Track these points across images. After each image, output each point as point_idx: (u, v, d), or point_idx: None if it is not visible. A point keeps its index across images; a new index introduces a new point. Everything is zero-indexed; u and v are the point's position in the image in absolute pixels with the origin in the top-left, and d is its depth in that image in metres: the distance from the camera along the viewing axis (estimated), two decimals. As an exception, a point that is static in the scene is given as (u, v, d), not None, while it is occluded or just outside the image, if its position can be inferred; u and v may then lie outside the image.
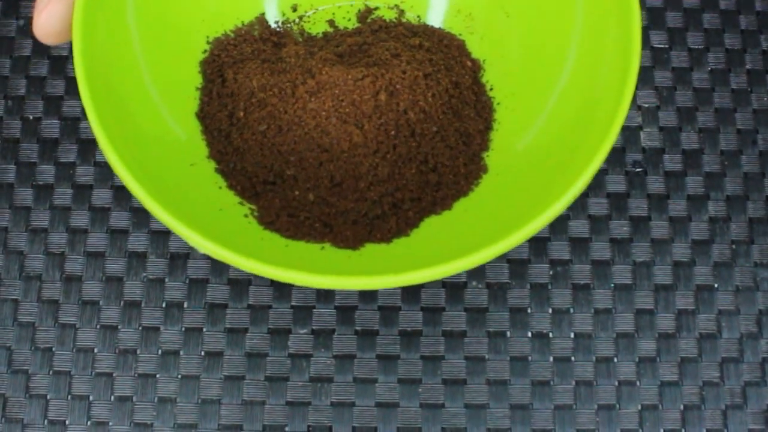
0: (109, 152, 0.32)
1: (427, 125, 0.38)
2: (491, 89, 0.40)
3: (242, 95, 0.38)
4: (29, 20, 0.43)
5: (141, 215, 0.41)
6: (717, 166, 0.43)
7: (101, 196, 0.42)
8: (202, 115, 0.38)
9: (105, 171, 0.42)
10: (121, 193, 0.42)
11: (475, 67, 0.40)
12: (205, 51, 0.40)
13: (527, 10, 0.40)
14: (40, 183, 0.42)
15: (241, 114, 0.38)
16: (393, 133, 0.37)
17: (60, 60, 0.44)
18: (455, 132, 0.38)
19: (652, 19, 0.45)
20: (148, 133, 0.35)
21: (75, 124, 0.43)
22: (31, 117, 0.43)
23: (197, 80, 0.39)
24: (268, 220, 0.36)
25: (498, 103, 0.40)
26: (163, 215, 0.31)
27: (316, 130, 0.37)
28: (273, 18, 0.42)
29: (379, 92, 0.37)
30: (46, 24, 0.33)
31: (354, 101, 0.37)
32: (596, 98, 0.35)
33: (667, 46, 0.45)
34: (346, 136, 0.37)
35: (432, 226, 0.37)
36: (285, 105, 0.37)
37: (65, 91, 0.43)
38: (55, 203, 0.42)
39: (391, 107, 0.37)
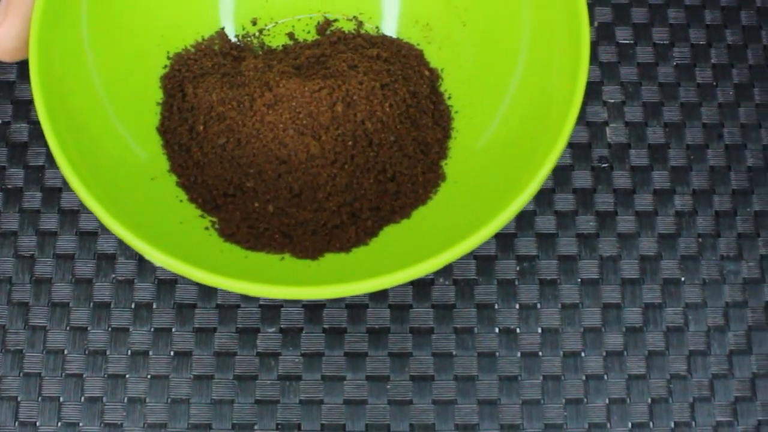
0: (65, 168, 0.32)
1: (385, 135, 0.38)
2: (449, 98, 0.40)
3: (202, 109, 0.38)
4: None
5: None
6: (683, 161, 0.43)
7: (70, 199, 0.42)
8: (163, 130, 0.39)
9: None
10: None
11: (433, 77, 0.41)
12: (166, 66, 0.40)
13: (482, 19, 0.40)
14: (9, 186, 0.42)
15: (201, 128, 0.38)
16: (350, 143, 0.37)
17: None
18: (413, 141, 0.38)
19: (618, 15, 0.45)
20: (106, 149, 0.36)
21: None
22: (0, 121, 0.43)
23: (158, 95, 0.39)
24: (229, 232, 0.37)
25: (456, 112, 0.40)
26: (119, 230, 0.31)
27: (274, 142, 0.37)
28: (233, 32, 0.42)
29: (335, 103, 0.37)
30: (1, 42, 0.33)
31: (311, 113, 0.37)
32: (548, 99, 0.35)
33: (632, 41, 0.45)
34: (304, 147, 0.37)
35: (391, 234, 0.37)
36: (243, 118, 0.38)
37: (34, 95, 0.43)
38: (25, 206, 0.42)
39: (348, 118, 0.37)
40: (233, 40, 0.42)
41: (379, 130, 0.38)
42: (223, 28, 0.42)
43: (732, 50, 0.45)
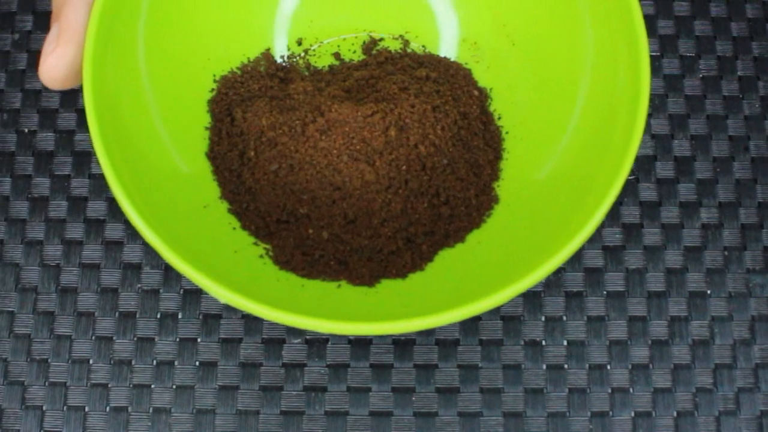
0: (125, 204, 0.32)
1: (438, 158, 0.38)
2: (499, 118, 0.40)
3: (252, 134, 0.38)
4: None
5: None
6: (709, 173, 0.43)
7: (96, 208, 0.42)
8: (213, 155, 0.39)
9: (99, 183, 0.42)
10: (116, 205, 0.42)
11: (483, 97, 0.40)
12: (212, 90, 0.40)
13: (532, 39, 0.40)
14: (36, 195, 0.42)
15: (252, 153, 0.38)
16: (404, 168, 0.37)
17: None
18: (465, 163, 0.38)
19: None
20: (159, 177, 0.35)
21: (70, 137, 0.43)
22: (26, 130, 0.43)
23: (205, 120, 0.39)
24: (283, 260, 0.36)
25: (507, 132, 0.40)
26: (183, 267, 0.31)
27: (327, 168, 0.37)
28: (279, 53, 0.42)
29: (389, 128, 0.37)
30: (52, 69, 0.32)
31: (364, 138, 0.37)
32: (610, 130, 0.35)
33: (658, 53, 0.45)
34: (358, 173, 0.37)
35: (446, 259, 0.37)
36: (296, 144, 0.37)
37: (60, 104, 0.44)
38: (50, 215, 0.42)
39: (401, 142, 0.37)
40: (279, 61, 0.41)
41: (432, 153, 0.37)
42: (268, 50, 0.41)
43: (758, 62, 0.45)
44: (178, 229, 0.34)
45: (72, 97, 0.44)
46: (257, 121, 0.38)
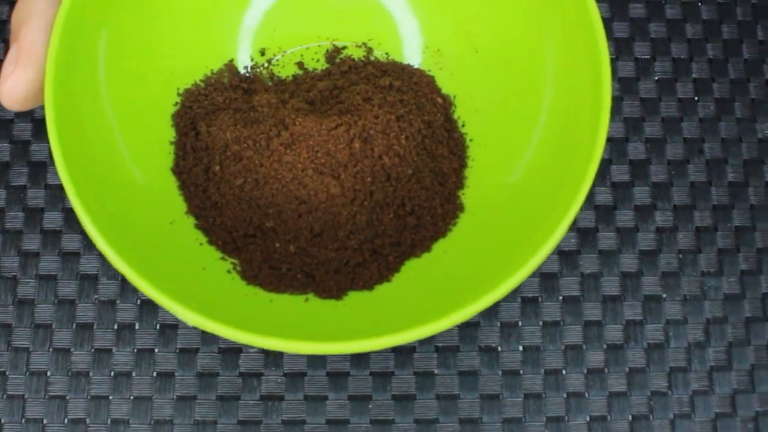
0: (90, 227, 0.31)
1: (402, 168, 0.38)
2: (463, 125, 0.40)
3: (217, 148, 0.38)
4: None
5: (91, 238, 0.42)
6: (664, 176, 0.43)
7: (52, 219, 0.42)
8: (178, 170, 0.38)
9: (55, 193, 0.42)
10: (72, 216, 0.42)
11: (446, 104, 0.40)
12: (176, 103, 0.40)
13: (495, 47, 0.40)
14: (-8, 207, 0.42)
15: (217, 168, 0.38)
16: (369, 179, 0.37)
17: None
18: (430, 172, 0.38)
19: (599, 30, 0.45)
20: (123, 194, 0.35)
21: (25, 148, 0.43)
22: (-19, 141, 0.43)
23: (170, 134, 0.39)
24: (251, 275, 0.36)
25: (471, 140, 0.40)
26: (153, 293, 0.31)
27: (293, 182, 0.37)
28: (242, 63, 0.41)
29: (353, 140, 0.37)
30: (12, 91, 0.32)
31: (329, 151, 0.37)
32: (573, 136, 0.35)
33: (614, 56, 0.45)
34: (323, 187, 0.37)
35: (413, 269, 0.37)
36: (260, 158, 0.37)
37: (15, 115, 0.43)
38: (7, 227, 0.42)
39: (365, 154, 0.37)
40: (242, 72, 0.41)
41: (396, 164, 0.37)
42: (231, 61, 0.41)
43: (713, 64, 0.45)
44: (142, 246, 0.33)
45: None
46: (221, 135, 0.38)
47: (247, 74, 0.41)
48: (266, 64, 0.41)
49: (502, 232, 0.36)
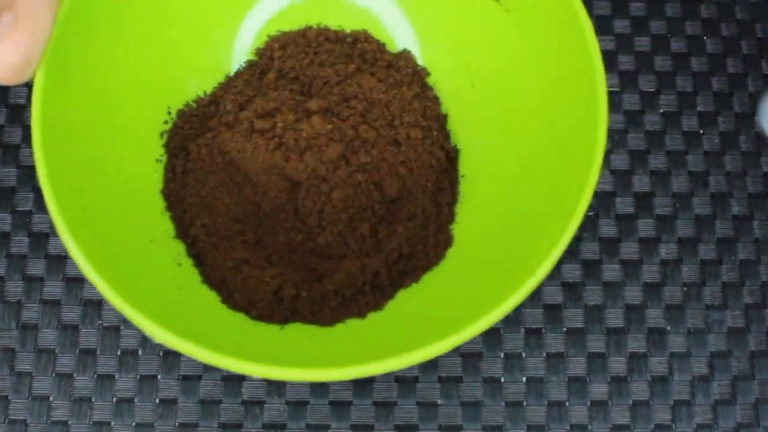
0: (70, 244, 0.31)
1: (414, 207, 0.38)
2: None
3: (209, 171, 0.38)
4: None
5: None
6: (669, 209, 0.43)
7: (57, 244, 0.42)
8: (167, 192, 0.39)
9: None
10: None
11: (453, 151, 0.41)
12: (166, 122, 0.40)
13: (494, 84, 0.40)
14: (-3, 231, 0.42)
15: (207, 191, 0.38)
16: (369, 213, 0.38)
17: (17, 108, 0.44)
18: (430, 202, 0.39)
19: (605, 63, 0.45)
20: (107, 212, 0.35)
21: (31, 173, 0.43)
22: (-12, 166, 0.43)
23: (158, 152, 0.39)
24: (233, 304, 0.37)
25: (462, 176, 0.40)
26: (130, 312, 0.31)
27: (294, 216, 0.38)
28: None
29: (354, 172, 0.38)
30: (6, 56, 0.30)
31: (331, 185, 0.38)
32: (562, 178, 0.35)
33: (618, 89, 0.45)
34: (324, 218, 0.37)
35: (402, 299, 0.37)
36: (253, 193, 0.38)
37: (22, 140, 0.44)
38: (12, 251, 0.42)
39: (375, 197, 0.38)
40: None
41: (405, 195, 0.38)
42: (226, 77, 0.42)
43: (718, 97, 0.45)
44: (123, 267, 0.33)
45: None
46: (214, 157, 0.38)
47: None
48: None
49: (488, 267, 0.36)
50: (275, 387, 0.40)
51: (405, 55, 0.41)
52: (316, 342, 0.35)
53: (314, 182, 0.37)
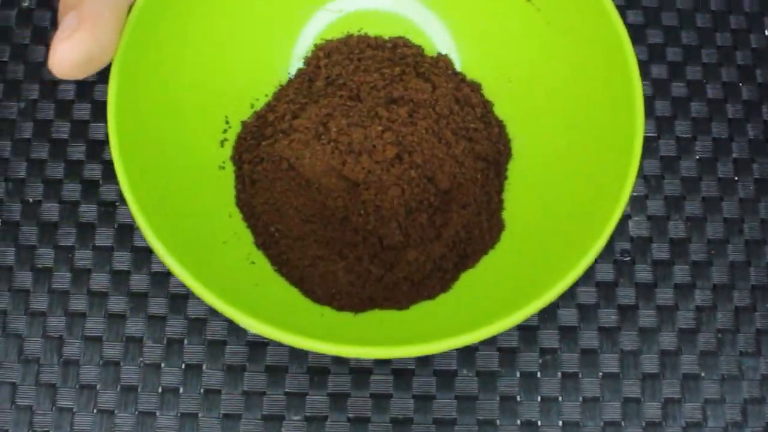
0: (154, 243, 0.33)
1: (466, 196, 0.40)
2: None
3: (274, 178, 0.40)
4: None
5: (138, 300, 0.42)
6: (704, 255, 0.44)
7: (99, 280, 0.42)
8: (240, 204, 0.40)
9: (103, 255, 0.43)
10: (119, 278, 0.42)
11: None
12: (225, 130, 0.41)
13: (532, 85, 0.42)
14: (39, 266, 0.43)
15: (276, 197, 0.39)
16: (430, 200, 0.40)
17: (59, 143, 0.45)
18: (480, 191, 0.40)
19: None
20: (188, 218, 0.37)
21: (74, 208, 0.43)
22: (30, 200, 0.44)
23: (219, 160, 0.41)
24: (316, 298, 0.39)
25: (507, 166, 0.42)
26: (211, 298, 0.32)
27: (357, 213, 0.39)
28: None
29: (415, 178, 0.40)
30: (68, 52, 0.31)
31: (400, 187, 0.39)
32: (604, 166, 0.36)
33: (655, 134, 0.45)
34: (385, 214, 0.39)
35: (465, 282, 0.39)
36: (318, 194, 0.39)
37: (64, 174, 0.44)
38: (54, 287, 0.42)
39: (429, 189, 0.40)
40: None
41: (456, 187, 0.40)
42: (280, 86, 0.43)
43: (753, 144, 0.45)
44: (201, 260, 0.35)
45: (75, 167, 0.44)
46: (283, 165, 0.40)
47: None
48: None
49: (538, 252, 0.37)
50: (317, 380, 0.41)
51: (443, 58, 0.43)
52: (388, 324, 0.37)
53: (371, 182, 0.39)
